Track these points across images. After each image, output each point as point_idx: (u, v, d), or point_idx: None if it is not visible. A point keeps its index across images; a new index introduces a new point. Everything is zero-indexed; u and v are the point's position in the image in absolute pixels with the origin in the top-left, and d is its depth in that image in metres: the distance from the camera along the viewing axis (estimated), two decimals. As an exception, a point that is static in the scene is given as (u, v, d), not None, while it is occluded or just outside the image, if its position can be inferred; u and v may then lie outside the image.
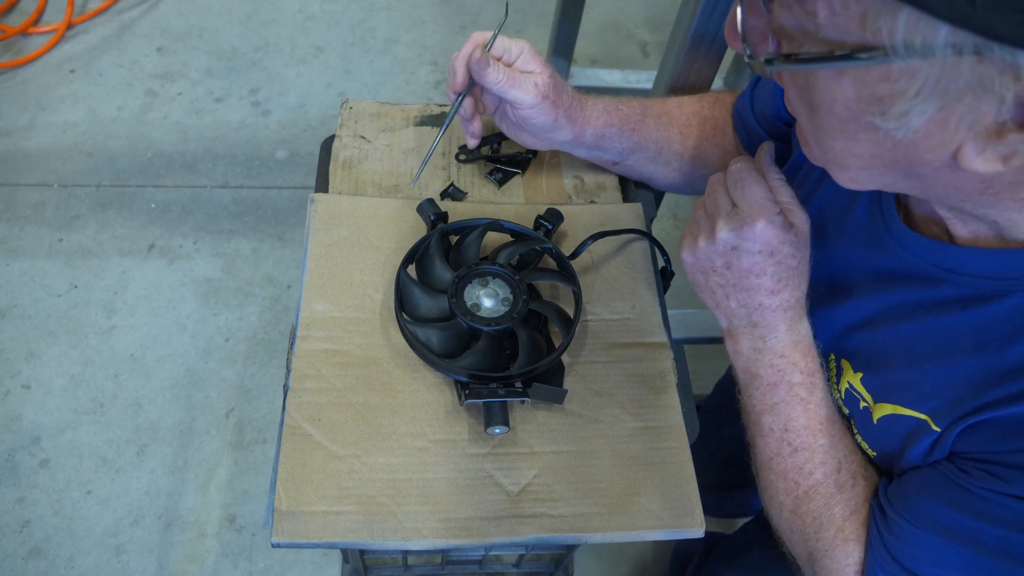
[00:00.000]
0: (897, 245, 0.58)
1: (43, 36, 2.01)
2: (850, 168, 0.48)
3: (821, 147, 0.49)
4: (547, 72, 0.73)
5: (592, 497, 0.67)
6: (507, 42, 0.73)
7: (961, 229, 0.53)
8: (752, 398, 0.64)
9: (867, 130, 0.43)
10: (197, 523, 1.36)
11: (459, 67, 0.73)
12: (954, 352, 0.54)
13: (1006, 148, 0.39)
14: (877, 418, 0.60)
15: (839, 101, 0.43)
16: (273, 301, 1.63)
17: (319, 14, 2.17)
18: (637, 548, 1.42)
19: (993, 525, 0.51)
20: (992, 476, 0.51)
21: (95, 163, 1.79)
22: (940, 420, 0.55)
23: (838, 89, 0.42)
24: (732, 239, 0.59)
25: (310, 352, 0.71)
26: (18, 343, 1.52)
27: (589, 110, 0.78)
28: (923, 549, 0.55)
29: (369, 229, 0.80)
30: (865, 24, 0.37)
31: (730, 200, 0.61)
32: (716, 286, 0.63)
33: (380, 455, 0.66)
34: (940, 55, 0.36)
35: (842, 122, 0.44)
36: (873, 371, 0.61)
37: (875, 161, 0.46)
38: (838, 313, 0.64)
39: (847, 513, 0.61)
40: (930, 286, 0.55)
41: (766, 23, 0.44)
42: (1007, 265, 0.50)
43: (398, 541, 0.62)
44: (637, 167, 0.85)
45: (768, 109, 0.77)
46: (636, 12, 2.28)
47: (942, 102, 0.38)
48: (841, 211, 0.64)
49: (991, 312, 0.51)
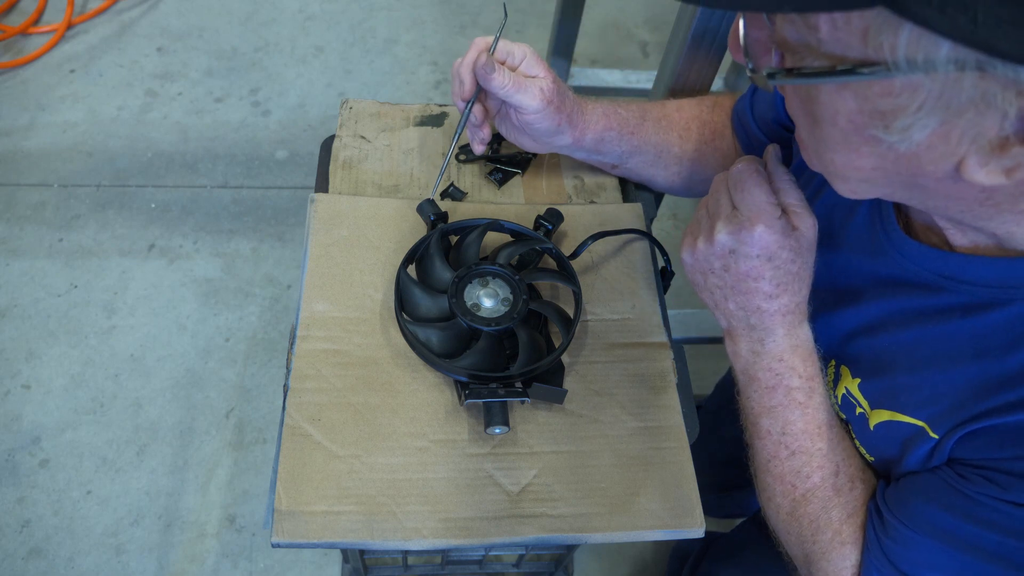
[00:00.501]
0: (897, 253, 0.58)
1: (43, 36, 2.01)
2: (851, 180, 0.48)
3: (822, 159, 0.49)
4: (550, 76, 0.73)
5: (592, 497, 0.67)
6: (510, 46, 0.73)
7: (960, 238, 0.53)
8: (751, 400, 0.64)
9: (869, 143, 0.43)
10: (197, 523, 1.36)
11: (466, 74, 0.73)
12: (953, 359, 0.54)
13: (1010, 161, 0.39)
14: (874, 424, 0.60)
15: (841, 114, 0.43)
16: (273, 301, 1.63)
17: (319, 14, 2.17)
18: (637, 548, 1.42)
19: (991, 531, 0.52)
20: (990, 483, 0.51)
21: (95, 163, 1.79)
22: (937, 427, 0.55)
23: (840, 103, 0.42)
24: (730, 242, 0.59)
25: (310, 352, 0.71)
26: (18, 343, 1.52)
27: (589, 114, 0.78)
28: (920, 553, 0.55)
29: (369, 229, 0.80)
30: (867, 40, 0.37)
31: (731, 202, 0.61)
32: (715, 287, 0.63)
33: (380, 455, 0.66)
34: (942, 70, 0.36)
35: (844, 135, 0.44)
36: (872, 377, 0.61)
37: (877, 173, 0.46)
38: (839, 319, 0.64)
39: (844, 516, 0.61)
40: (930, 294, 0.55)
41: (768, 36, 0.44)
42: (1007, 273, 0.50)
43: (398, 541, 0.62)
44: (636, 170, 0.85)
45: (769, 114, 0.77)
46: (636, 12, 2.28)
47: (944, 116, 0.38)
48: (842, 218, 0.64)
49: (990, 320, 0.51)
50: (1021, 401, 0.49)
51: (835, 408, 0.65)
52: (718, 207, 0.61)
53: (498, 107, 0.79)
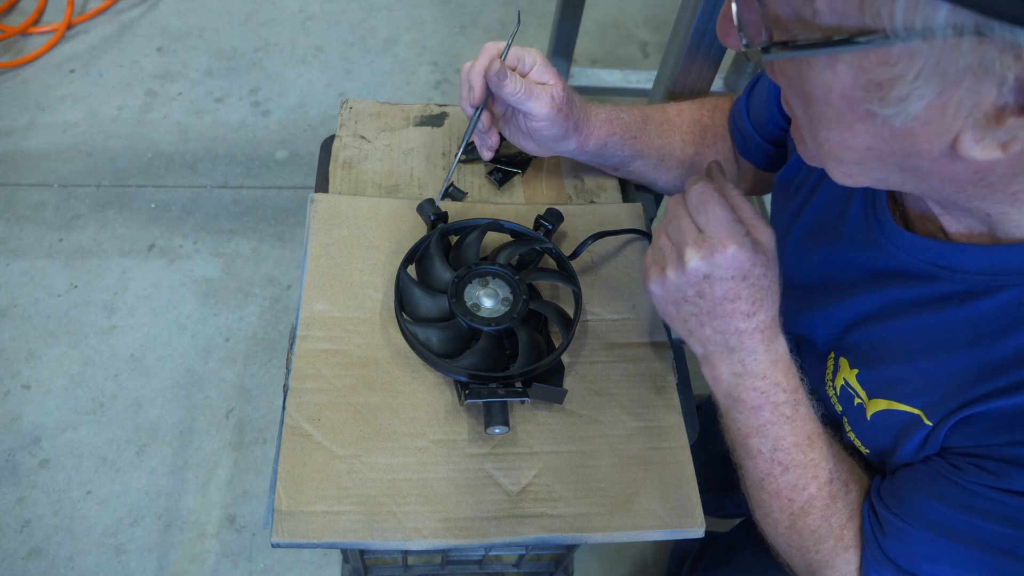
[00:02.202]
0: (891, 244, 0.58)
1: (43, 36, 2.01)
2: (845, 162, 0.48)
3: (816, 140, 0.48)
4: (560, 84, 0.73)
5: (592, 497, 0.67)
6: (520, 52, 0.73)
7: (955, 225, 0.53)
8: (736, 422, 0.63)
9: (864, 119, 0.43)
10: (197, 523, 1.36)
11: (476, 80, 0.72)
12: (948, 347, 0.54)
13: (1005, 134, 0.39)
14: (871, 414, 0.60)
15: (835, 89, 0.42)
16: (273, 301, 1.63)
17: (319, 14, 2.17)
18: (637, 548, 1.42)
19: (985, 520, 0.52)
20: (982, 471, 0.52)
21: (95, 163, 1.79)
22: (932, 414, 0.55)
23: (833, 77, 0.42)
24: (704, 267, 0.57)
25: (310, 352, 0.71)
26: (18, 343, 1.52)
27: (593, 119, 0.78)
28: (915, 547, 0.56)
29: (369, 229, 0.80)
30: (864, 7, 0.37)
31: (695, 225, 0.59)
32: (689, 315, 0.61)
33: (380, 455, 0.66)
34: (940, 36, 0.36)
35: (838, 111, 0.44)
36: (869, 367, 0.61)
37: (871, 154, 0.46)
38: (837, 312, 0.64)
39: (844, 521, 0.61)
40: (925, 283, 0.56)
41: (760, 15, 0.43)
42: (999, 261, 0.50)
43: (398, 541, 0.62)
44: (639, 173, 0.85)
45: (763, 114, 0.78)
46: (636, 12, 2.28)
47: (942, 85, 0.38)
48: (837, 213, 0.65)
49: (984, 307, 0.52)
50: (1013, 386, 0.50)
51: (834, 400, 0.65)
52: (682, 233, 0.59)
53: (504, 111, 0.79)
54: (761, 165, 0.82)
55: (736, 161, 0.85)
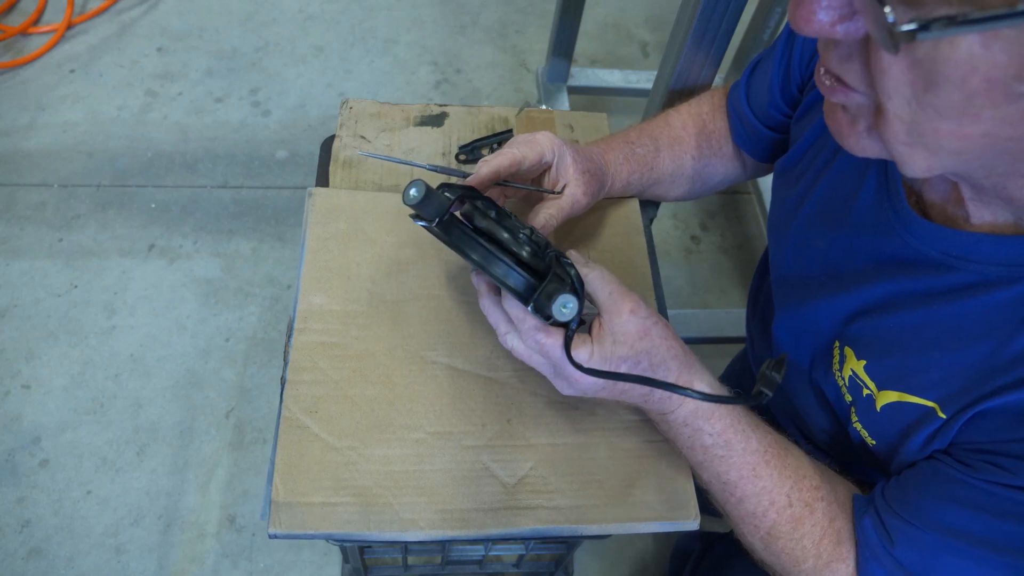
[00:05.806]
0: (905, 231, 0.56)
1: (43, 36, 2.01)
2: (941, 152, 0.42)
3: (921, 129, 0.41)
4: (581, 179, 0.73)
5: (588, 489, 0.67)
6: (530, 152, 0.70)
7: (982, 212, 0.52)
8: (682, 454, 0.65)
9: (998, 104, 0.37)
10: (197, 523, 1.36)
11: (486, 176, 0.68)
12: (963, 339, 0.53)
13: None
14: (881, 406, 0.59)
15: (979, 71, 0.36)
16: (273, 301, 1.63)
17: (319, 14, 2.17)
18: (637, 548, 1.42)
19: (1002, 521, 0.51)
20: (997, 468, 0.50)
21: (95, 163, 1.79)
22: (947, 408, 0.54)
23: (983, 58, 0.35)
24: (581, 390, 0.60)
25: (307, 345, 0.71)
26: (18, 343, 1.52)
27: (612, 167, 0.79)
28: (931, 553, 0.54)
29: (366, 223, 0.80)
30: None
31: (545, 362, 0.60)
32: (603, 399, 0.65)
33: (377, 447, 0.66)
34: None
35: (970, 97, 0.37)
36: (878, 359, 0.60)
37: (984, 141, 0.40)
38: (842, 301, 0.63)
39: (817, 539, 0.60)
40: (939, 273, 0.54)
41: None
42: (1017, 251, 0.49)
43: (395, 532, 0.62)
44: (649, 194, 0.87)
45: (764, 101, 0.77)
46: (636, 12, 2.28)
47: None
48: (845, 199, 0.63)
49: (1001, 299, 0.50)
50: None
51: (843, 390, 0.64)
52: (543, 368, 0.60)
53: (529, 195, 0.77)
54: (759, 155, 0.82)
55: (737, 161, 0.86)
